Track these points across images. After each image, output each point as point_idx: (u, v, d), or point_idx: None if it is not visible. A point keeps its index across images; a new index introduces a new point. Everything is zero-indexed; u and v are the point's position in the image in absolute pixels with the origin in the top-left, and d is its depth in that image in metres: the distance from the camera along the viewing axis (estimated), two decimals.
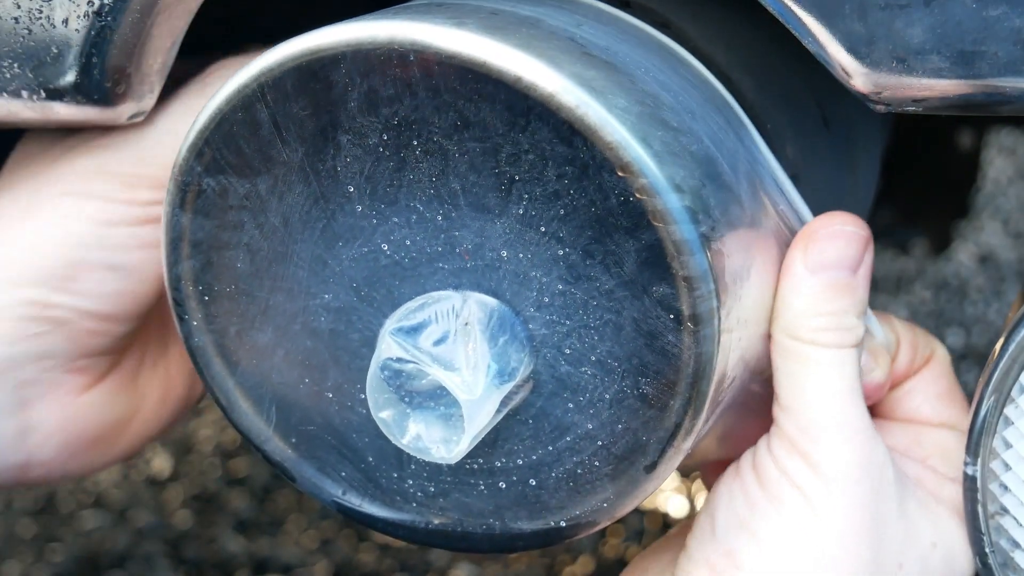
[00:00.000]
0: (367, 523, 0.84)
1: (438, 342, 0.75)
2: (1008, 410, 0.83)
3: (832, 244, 0.82)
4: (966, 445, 0.85)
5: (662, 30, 0.84)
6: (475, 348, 0.74)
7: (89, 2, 0.84)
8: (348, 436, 0.82)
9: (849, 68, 0.77)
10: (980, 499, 0.84)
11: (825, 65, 0.78)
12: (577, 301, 0.75)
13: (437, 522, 0.82)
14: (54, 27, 0.85)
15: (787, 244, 0.83)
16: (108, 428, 0.97)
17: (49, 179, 0.91)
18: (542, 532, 0.81)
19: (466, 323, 0.75)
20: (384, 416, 0.76)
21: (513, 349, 0.76)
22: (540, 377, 0.77)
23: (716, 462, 0.91)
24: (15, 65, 0.86)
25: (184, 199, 0.80)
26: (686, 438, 0.76)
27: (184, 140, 0.79)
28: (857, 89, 0.78)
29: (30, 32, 0.85)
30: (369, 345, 0.79)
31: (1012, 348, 0.83)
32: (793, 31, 0.78)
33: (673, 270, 0.73)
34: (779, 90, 0.90)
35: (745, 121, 0.84)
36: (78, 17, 0.84)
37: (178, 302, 0.83)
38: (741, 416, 0.85)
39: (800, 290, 0.82)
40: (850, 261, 0.82)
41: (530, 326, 0.76)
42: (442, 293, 0.77)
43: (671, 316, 0.73)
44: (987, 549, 0.85)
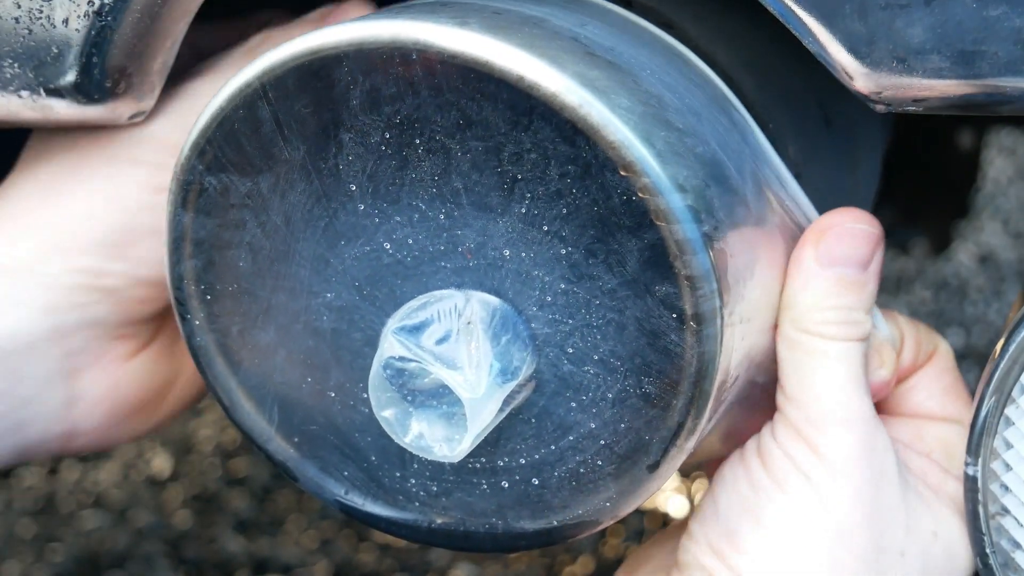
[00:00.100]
0: (369, 523, 0.85)
1: (440, 341, 0.75)
2: (1009, 410, 0.83)
3: (844, 240, 0.83)
4: (967, 445, 0.85)
5: (665, 30, 0.84)
6: (478, 347, 0.75)
7: (89, 2, 0.84)
8: (351, 435, 0.82)
9: (849, 68, 0.78)
10: (981, 499, 0.84)
11: (825, 65, 0.78)
12: (580, 300, 0.75)
13: (439, 521, 0.82)
14: (54, 27, 0.85)
15: (792, 242, 0.84)
16: (150, 395, 0.97)
17: (94, 147, 0.91)
18: (544, 531, 0.81)
19: (468, 322, 0.75)
20: (387, 415, 0.76)
21: (516, 348, 0.76)
22: (543, 376, 0.77)
23: (720, 460, 0.91)
24: (15, 65, 0.86)
25: (186, 198, 0.80)
26: (688, 437, 0.76)
27: (186, 139, 0.79)
28: (857, 89, 0.78)
29: (30, 32, 0.85)
30: (371, 344, 0.79)
31: (1012, 348, 0.83)
32: (793, 31, 0.78)
33: (675, 269, 0.73)
34: (780, 90, 0.90)
35: (749, 121, 0.84)
36: (78, 17, 0.84)
37: (180, 301, 0.83)
38: (744, 412, 0.85)
39: (810, 284, 0.82)
40: (861, 258, 0.83)
41: (533, 325, 0.76)
42: (444, 292, 0.77)
43: (674, 315, 0.73)
44: (988, 549, 0.85)
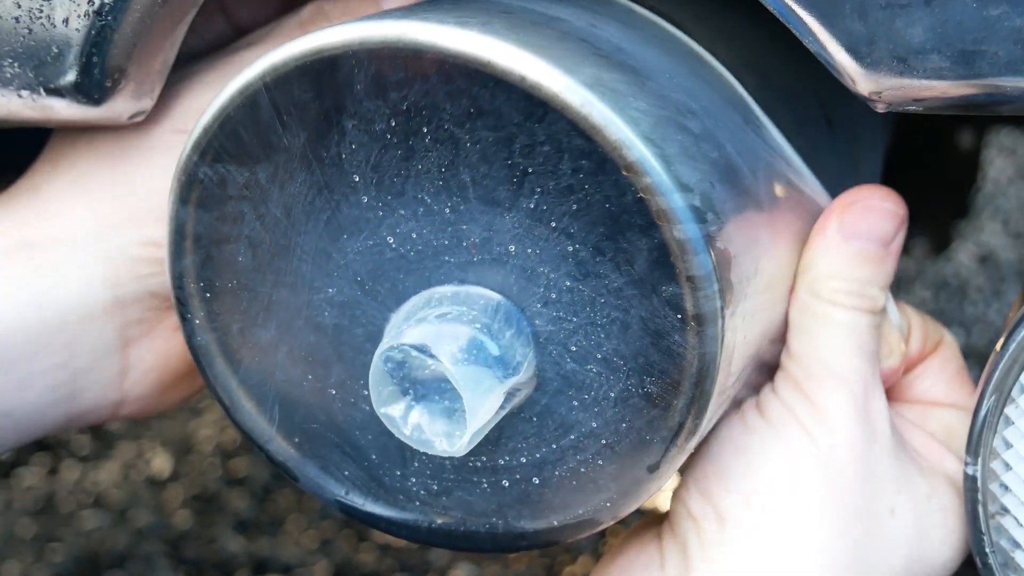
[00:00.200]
0: (370, 522, 0.84)
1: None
2: (1008, 410, 0.83)
3: (869, 216, 0.84)
4: (967, 445, 0.85)
5: None
6: (479, 342, 0.74)
7: (89, 1, 0.84)
8: (351, 434, 0.82)
9: (849, 68, 0.78)
10: (980, 499, 0.85)
11: (826, 65, 0.78)
12: (584, 298, 0.75)
13: (440, 521, 0.82)
14: (54, 26, 0.85)
15: (805, 238, 0.85)
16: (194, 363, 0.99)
17: (154, 118, 0.91)
18: (545, 531, 0.81)
19: (471, 317, 0.75)
20: (387, 409, 0.76)
21: (518, 344, 0.76)
22: (545, 374, 0.77)
23: None
24: (15, 64, 0.86)
25: (188, 196, 0.80)
26: (689, 438, 0.76)
27: (188, 138, 0.79)
28: (858, 89, 0.78)
29: (30, 31, 0.85)
30: (373, 340, 0.79)
31: (1012, 348, 0.83)
32: (794, 31, 0.78)
33: (677, 269, 0.73)
34: (781, 90, 0.90)
35: (761, 116, 0.85)
36: (78, 17, 0.84)
37: (181, 301, 0.83)
38: None
39: (830, 253, 0.84)
40: (883, 234, 0.84)
41: (536, 322, 0.76)
42: (447, 288, 0.77)
43: (677, 316, 0.73)
44: (988, 549, 0.85)
